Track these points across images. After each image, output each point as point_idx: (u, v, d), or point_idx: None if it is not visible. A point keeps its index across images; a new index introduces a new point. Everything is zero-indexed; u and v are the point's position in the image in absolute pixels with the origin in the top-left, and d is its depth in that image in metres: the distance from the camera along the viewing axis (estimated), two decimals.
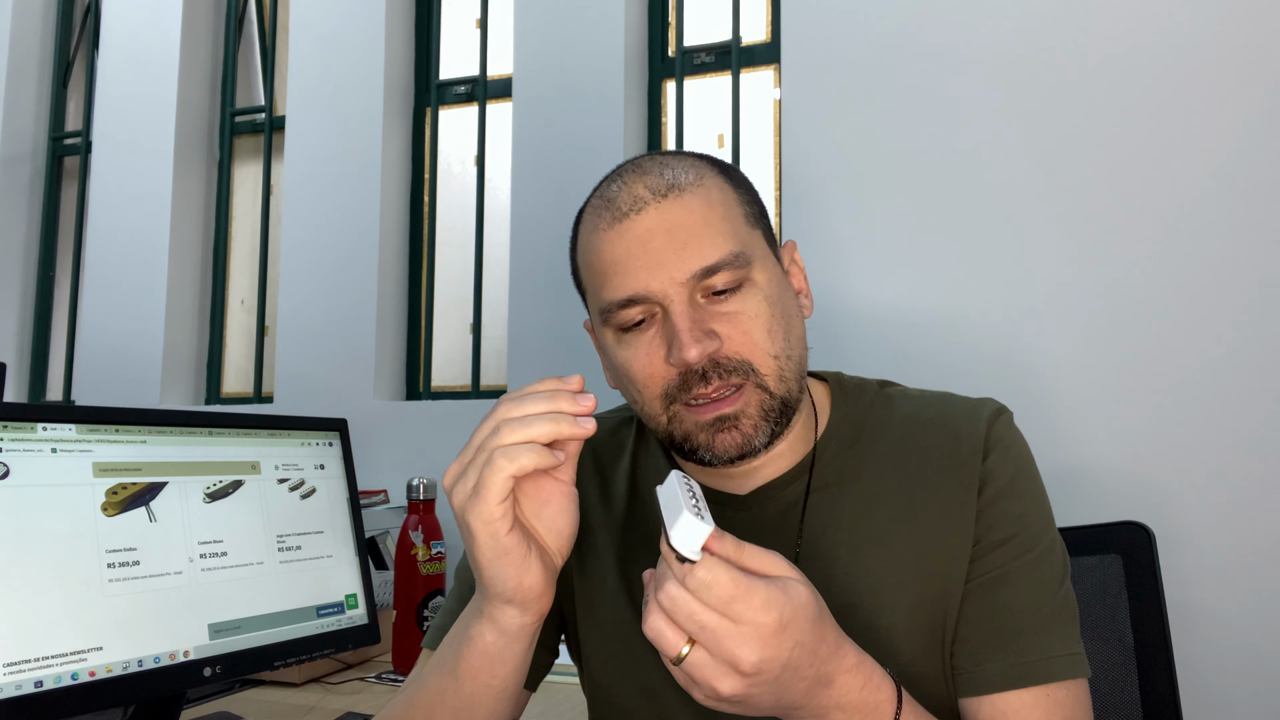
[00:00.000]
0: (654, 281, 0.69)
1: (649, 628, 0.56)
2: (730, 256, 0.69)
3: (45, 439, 0.97)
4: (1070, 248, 1.63)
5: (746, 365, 0.69)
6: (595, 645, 0.82)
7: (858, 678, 0.61)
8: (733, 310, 0.70)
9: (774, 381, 0.70)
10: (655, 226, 0.70)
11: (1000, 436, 0.76)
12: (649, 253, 0.69)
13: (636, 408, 0.75)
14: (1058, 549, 0.75)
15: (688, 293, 0.69)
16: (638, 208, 0.71)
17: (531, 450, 0.60)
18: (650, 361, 0.70)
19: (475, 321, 2.23)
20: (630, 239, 0.70)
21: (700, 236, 0.70)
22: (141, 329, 2.38)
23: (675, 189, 0.71)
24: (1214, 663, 1.48)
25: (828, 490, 0.77)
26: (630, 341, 0.72)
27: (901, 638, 0.73)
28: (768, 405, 0.70)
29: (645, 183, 0.72)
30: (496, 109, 2.27)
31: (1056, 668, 0.70)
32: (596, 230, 0.73)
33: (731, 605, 0.54)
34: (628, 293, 0.70)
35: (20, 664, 0.89)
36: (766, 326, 0.70)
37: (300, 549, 1.19)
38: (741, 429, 0.70)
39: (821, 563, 0.75)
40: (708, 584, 0.53)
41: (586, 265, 0.75)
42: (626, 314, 0.71)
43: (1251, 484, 1.50)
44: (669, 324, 0.69)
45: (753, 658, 0.54)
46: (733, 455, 0.70)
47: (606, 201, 0.74)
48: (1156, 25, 1.62)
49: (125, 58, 2.50)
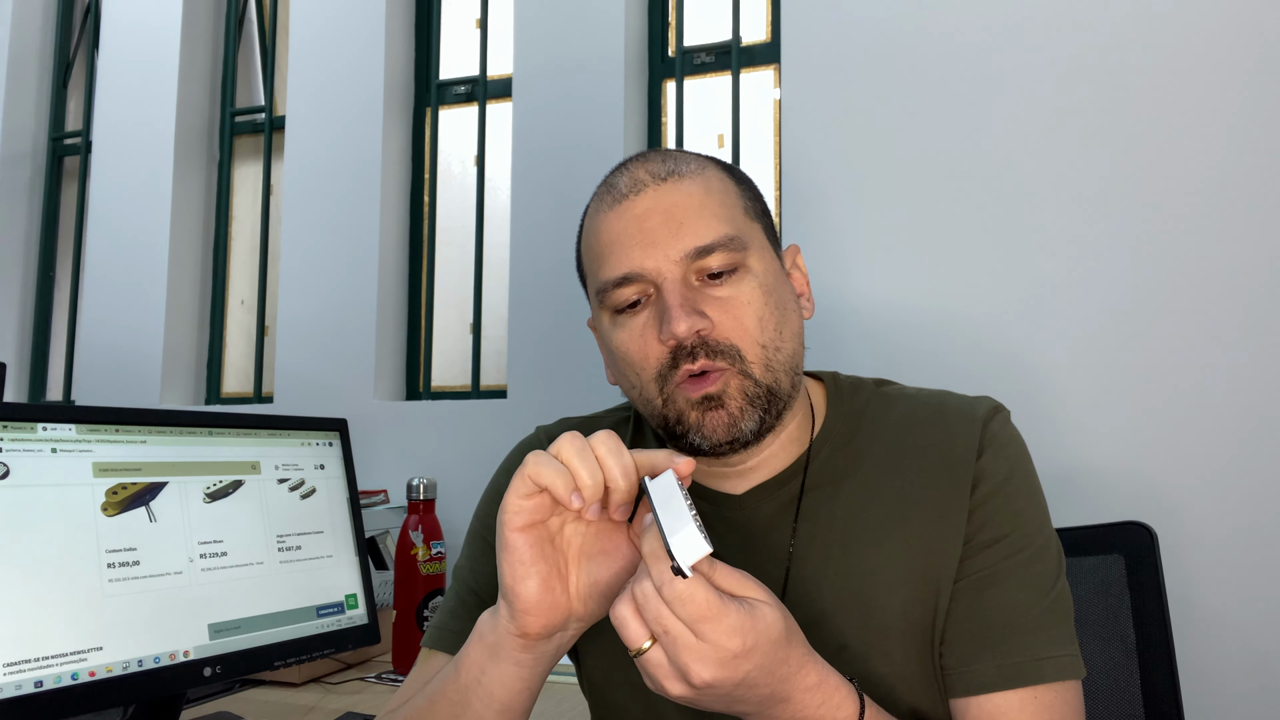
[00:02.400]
0: (648, 260, 0.69)
1: (614, 614, 0.57)
2: (725, 239, 0.70)
3: (45, 439, 0.97)
4: (1073, 247, 1.63)
5: (734, 350, 0.69)
6: (590, 643, 0.82)
7: (816, 696, 0.60)
8: (725, 295, 0.70)
9: (759, 369, 0.70)
10: (653, 207, 0.71)
11: (995, 435, 0.76)
12: (644, 231, 0.70)
13: (634, 394, 0.75)
14: (1052, 548, 0.74)
15: (681, 271, 0.69)
16: (637, 189, 0.72)
17: (560, 475, 0.59)
18: (644, 341, 0.71)
19: (475, 321, 2.23)
20: (628, 218, 0.71)
21: (696, 218, 0.70)
22: (141, 329, 2.38)
23: (675, 174, 0.72)
24: (1216, 662, 1.48)
25: (822, 490, 0.77)
26: (625, 323, 0.72)
27: (894, 637, 0.72)
28: (751, 391, 0.70)
29: (647, 168, 0.74)
30: (496, 109, 2.27)
31: (1046, 669, 0.69)
32: (597, 214, 0.75)
33: (700, 624, 0.54)
34: (622, 270, 0.70)
35: (20, 664, 0.89)
36: (758, 314, 0.70)
37: (300, 549, 1.18)
38: (728, 409, 0.70)
39: (815, 562, 0.74)
40: (683, 598, 0.54)
41: (588, 249, 0.76)
42: (621, 293, 0.71)
43: (1254, 484, 1.50)
44: (661, 301, 0.69)
45: (705, 675, 0.54)
46: (721, 437, 0.70)
47: (609, 187, 0.75)
48: (1157, 25, 1.62)
49: (125, 58, 2.50)
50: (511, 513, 0.60)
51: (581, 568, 0.64)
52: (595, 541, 0.64)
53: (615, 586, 0.64)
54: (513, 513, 0.60)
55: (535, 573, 0.61)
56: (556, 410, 1.70)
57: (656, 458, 0.62)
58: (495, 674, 0.66)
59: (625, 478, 0.60)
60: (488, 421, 2.03)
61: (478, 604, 0.81)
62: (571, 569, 0.64)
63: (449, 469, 2.00)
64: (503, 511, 0.61)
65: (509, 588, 0.62)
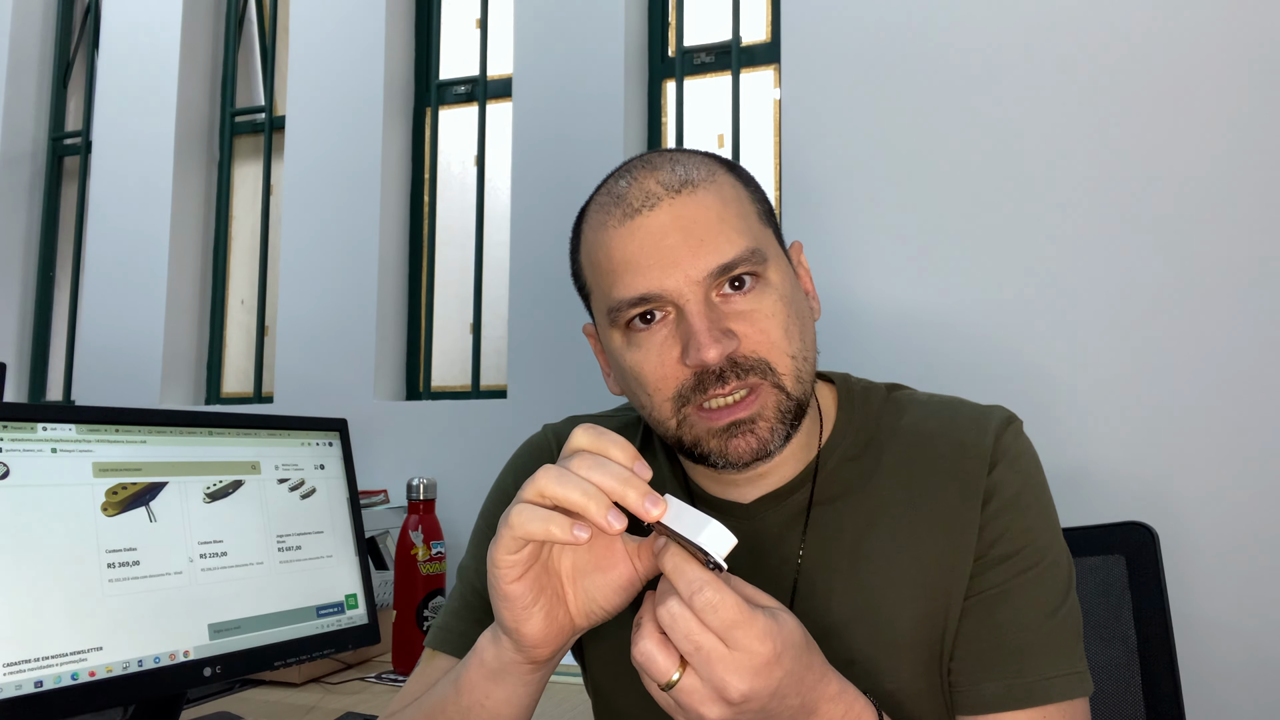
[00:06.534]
0: (669, 280, 0.67)
1: (639, 652, 0.55)
2: (747, 253, 0.67)
3: (45, 439, 0.97)
4: (1074, 247, 1.63)
5: (764, 364, 0.67)
6: (598, 650, 0.81)
7: (839, 706, 0.60)
8: (749, 308, 0.68)
9: (791, 382, 0.69)
10: (669, 223, 0.67)
11: (1008, 447, 0.74)
12: (663, 250, 0.67)
13: (644, 412, 0.73)
14: (1063, 563, 0.73)
15: (703, 291, 0.67)
16: (650, 204, 0.68)
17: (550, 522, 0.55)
18: (663, 363, 0.68)
19: (475, 321, 2.23)
20: (643, 236, 0.68)
21: (716, 233, 0.67)
22: (141, 329, 2.38)
23: (689, 185, 0.69)
24: (1217, 663, 1.48)
25: (833, 503, 0.75)
26: (641, 342, 0.69)
27: (902, 652, 0.71)
28: (785, 406, 0.68)
29: (657, 178, 0.70)
30: (496, 109, 2.27)
31: (1055, 688, 0.68)
32: (605, 227, 0.70)
33: (732, 630, 0.53)
34: (640, 291, 0.67)
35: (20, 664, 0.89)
36: (783, 325, 0.68)
37: (300, 549, 1.18)
38: (758, 433, 0.68)
39: (823, 575, 0.73)
40: (714, 605, 0.52)
41: (593, 264, 0.73)
42: (637, 312, 0.68)
43: (1255, 485, 1.50)
44: (684, 324, 0.67)
45: (742, 687, 0.53)
46: (747, 460, 0.69)
47: (615, 198, 0.71)
48: (1158, 24, 1.62)
49: (125, 58, 2.50)
50: (504, 569, 0.58)
51: (578, 586, 0.62)
52: (587, 556, 0.62)
53: (615, 599, 0.62)
54: (505, 568, 0.58)
55: (537, 610, 0.60)
56: (556, 410, 1.70)
57: None
58: (501, 696, 0.65)
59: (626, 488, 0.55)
60: (488, 421, 2.03)
61: (482, 605, 0.80)
62: (568, 588, 0.62)
63: (449, 469, 2.00)
64: (494, 567, 0.58)
65: (512, 629, 0.60)
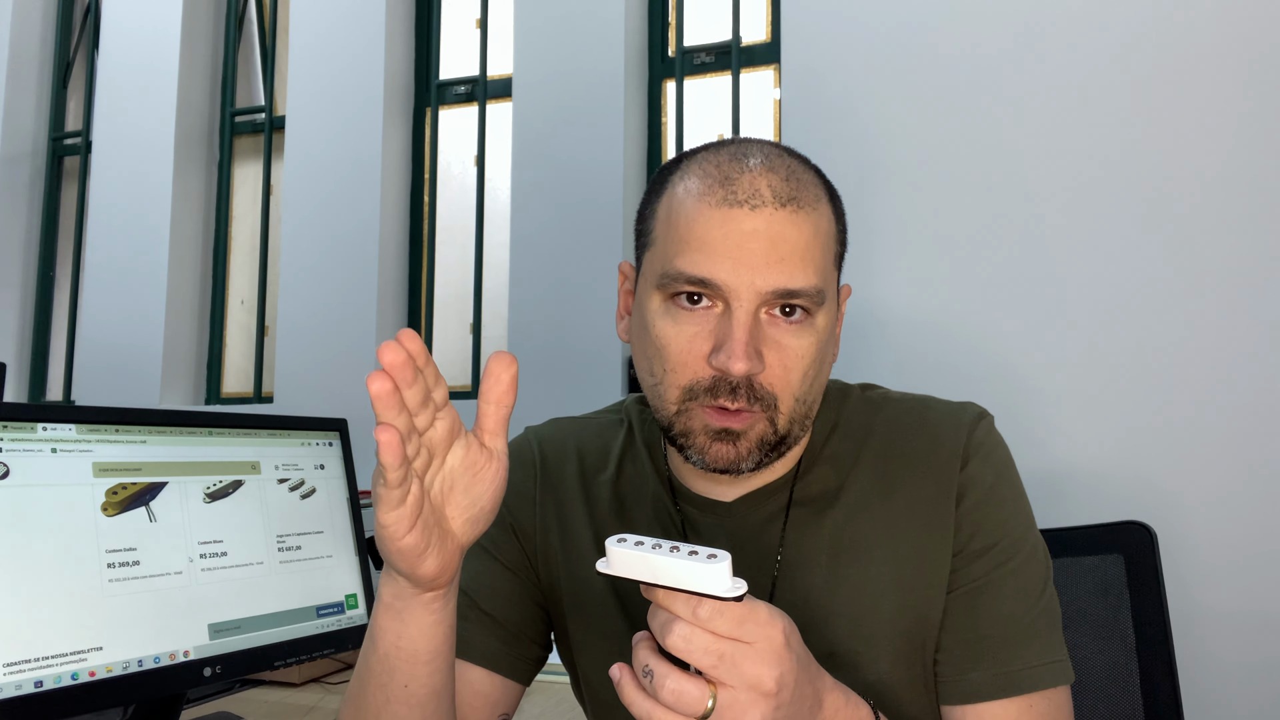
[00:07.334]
0: (735, 277, 0.67)
1: (668, 693, 0.53)
2: (812, 290, 0.68)
3: (45, 439, 0.97)
4: (1072, 247, 1.63)
5: (773, 399, 0.69)
6: (585, 644, 0.82)
7: (840, 695, 0.61)
8: (786, 341, 0.69)
9: (784, 420, 0.70)
10: (762, 230, 0.68)
11: (981, 443, 0.76)
12: (744, 251, 0.67)
13: (649, 381, 0.73)
14: (1039, 553, 0.75)
15: (758, 303, 0.67)
16: (754, 204, 0.69)
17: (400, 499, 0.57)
18: (690, 350, 0.69)
19: (475, 321, 2.23)
20: (733, 228, 0.68)
21: (797, 259, 0.68)
22: (141, 329, 2.38)
23: (795, 203, 0.69)
24: (1216, 661, 1.48)
25: (812, 502, 0.77)
26: (679, 317, 0.70)
27: (882, 645, 0.73)
28: (768, 438, 0.70)
29: (769, 181, 0.70)
30: (496, 109, 2.27)
31: (1039, 676, 0.70)
32: (700, 198, 0.70)
33: (743, 626, 0.53)
34: (704, 273, 0.68)
35: (20, 664, 0.89)
36: (805, 369, 0.69)
37: (300, 549, 1.18)
38: (738, 447, 0.69)
39: (802, 570, 0.75)
40: (718, 610, 0.53)
41: (670, 222, 0.72)
42: (689, 289, 0.69)
43: (1253, 484, 1.50)
44: (726, 325, 0.68)
45: (774, 673, 0.53)
46: (721, 467, 0.70)
47: (723, 177, 0.70)
48: (1157, 29, 1.62)
49: (125, 58, 2.50)
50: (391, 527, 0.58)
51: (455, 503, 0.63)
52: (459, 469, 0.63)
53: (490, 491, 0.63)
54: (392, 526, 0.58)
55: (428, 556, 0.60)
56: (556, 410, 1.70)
57: None
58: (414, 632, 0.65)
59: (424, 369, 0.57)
60: None
61: (468, 604, 0.81)
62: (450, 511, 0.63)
63: None
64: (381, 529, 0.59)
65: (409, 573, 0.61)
